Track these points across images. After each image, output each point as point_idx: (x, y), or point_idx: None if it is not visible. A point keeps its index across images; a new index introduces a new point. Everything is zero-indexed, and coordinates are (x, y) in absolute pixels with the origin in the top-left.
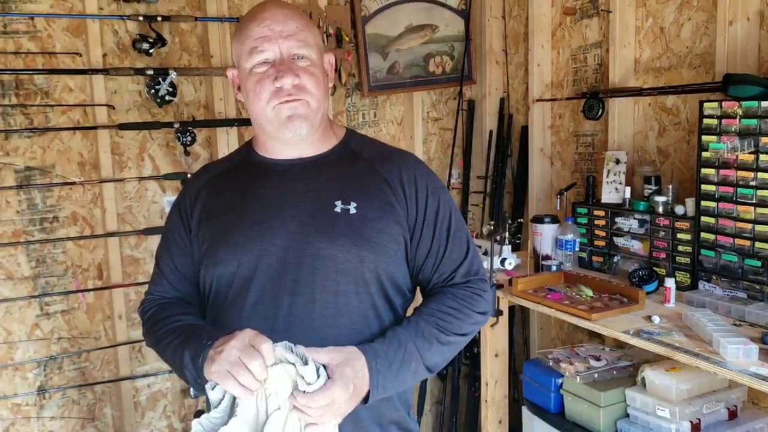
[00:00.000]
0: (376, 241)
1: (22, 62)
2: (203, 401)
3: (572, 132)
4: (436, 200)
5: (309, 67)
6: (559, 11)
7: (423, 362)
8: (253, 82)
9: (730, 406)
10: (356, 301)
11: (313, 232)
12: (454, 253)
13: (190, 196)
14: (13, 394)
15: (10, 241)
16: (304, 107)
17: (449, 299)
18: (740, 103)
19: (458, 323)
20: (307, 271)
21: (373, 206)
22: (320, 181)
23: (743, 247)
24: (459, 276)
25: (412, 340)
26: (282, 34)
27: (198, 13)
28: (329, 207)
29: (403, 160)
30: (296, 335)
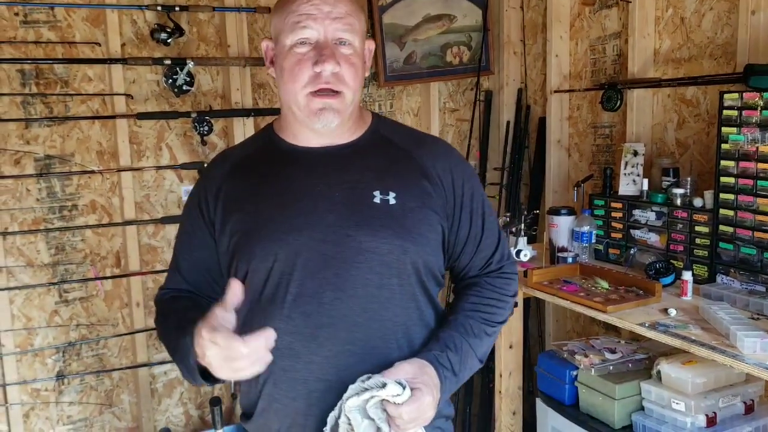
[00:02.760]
0: (419, 231)
1: (42, 51)
2: (218, 389)
3: (590, 123)
4: (471, 187)
5: (351, 56)
6: (577, 1)
7: (476, 357)
8: (291, 62)
9: (746, 400)
10: (399, 293)
11: (353, 224)
12: (489, 239)
13: (210, 186)
14: (32, 380)
15: (30, 229)
16: (339, 103)
17: (488, 290)
18: (761, 94)
19: (500, 312)
20: (349, 265)
21: (412, 196)
22: (355, 170)
23: (762, 240)
24: (495, 262)
25: (465, 340)
26: (330, 15)
27: (216, 3)
28: (368, 198)
29: (437, 147)
30: (340, 330)
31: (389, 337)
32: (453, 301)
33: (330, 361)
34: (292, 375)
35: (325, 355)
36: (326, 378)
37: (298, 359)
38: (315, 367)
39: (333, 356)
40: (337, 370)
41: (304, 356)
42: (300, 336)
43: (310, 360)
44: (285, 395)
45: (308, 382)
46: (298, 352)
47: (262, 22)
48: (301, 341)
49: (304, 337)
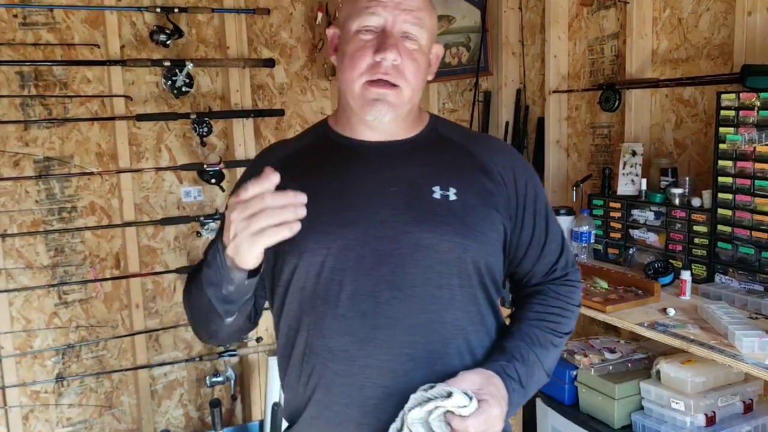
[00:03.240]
0: (481, 229)
1: (42, 53)
2: (218, 390)
3: (588, 124)
4: (534, 186)
5: (415, 51)
6: (575, 2)
7: (544, 369)
8: (352, 47)
9: (745, 399)
10: (460, 294)
11: (411, 220)
12: (553, 243)
13: None
14: (32, 382)
15: (29, 231)
16: (395, 96)
17: (553, 299)
18: (758, 94)
19: (566, 321)
20: (407, 263)
21: (473, 192)
22: (412, 165)
23: (760, 240)
24: (560, 268)
25: (533, 351)
26: (400, 6)
27: (215, 4)
28: (426, 193)
29: (496, 145)
30: (398, 333)
31: (450, 342)
32: (515, 311)
33: (387, 366)
34: (346, 380)
35: (382, 359)
36: (383, 384)
37: (353, 363)
38: (371, 372)
39: (390, 360)
40: (395, 376)
41: (359, 360)
42: (355, 337)
43: (366, 364)
44: (338, 402)
45: (364, 388)
46: (353, 355)
47: (261, 24)
48: (356, 343)
49: (360, 338)
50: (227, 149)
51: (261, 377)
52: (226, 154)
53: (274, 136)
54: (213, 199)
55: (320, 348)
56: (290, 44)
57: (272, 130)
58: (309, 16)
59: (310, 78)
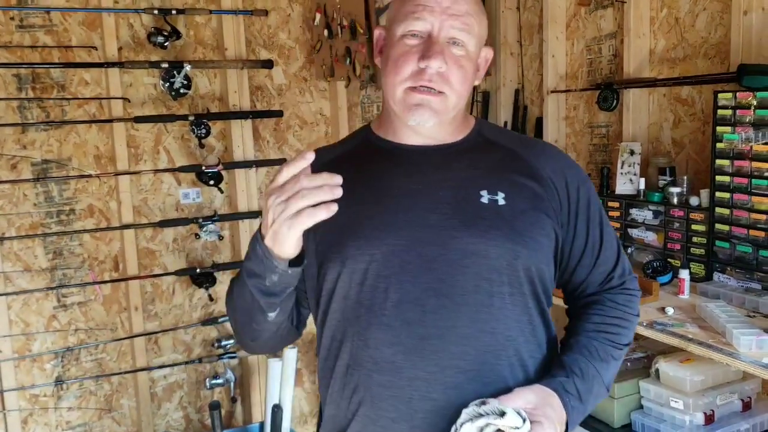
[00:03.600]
0: (530, 235)
1: (39, 56)
2: (218, 392)
3: (587, 123)
4: (587, 192)
5: (462, 58)
6: (573, 2)
7: (603, 383)
8: (397, 52)
9: (744, 397)
10: (511, 303)
11: (459, 225)
12: (608, 251)
13: None
14: (30, 385)
15: (28, 233)
16: (439, 103)
17: (611, 309)
18: (755, 93)
19: (625, 333)
20: (455, 270)
21: (523, 197)
22: (459, 169)
23: (758, 238)
24: (616, 276)
25: (592, 365)
26: (447, 11)
27: (212, 6)
28: (474, 197)
29: (546, 148)
30: (448, 343)
31: (500, 353)
32: (571, 322)
33: (436, 378)
34: (393, 392)
35: (430, 371)
36: (432, 397)
37: (400, 375)
38: (419, 384)
39: (439, 372)
40: (444, 388)
41: (406, 371)
42: (402, 348)
43: (414, 375)
44: (384, 416)
45: (412, 401)
46: (400, 366)
47: (259, 25)
48: (403, 354)
49: (407, 349)
50: (226, 150)
51: (261, 379)
52: (224, 155)
53: (273, 137)
54: (211, 200)
55: (365, 359)
56: (288, 45)
57: (271, 131)
58: (307, 17)
59: (308, 79)
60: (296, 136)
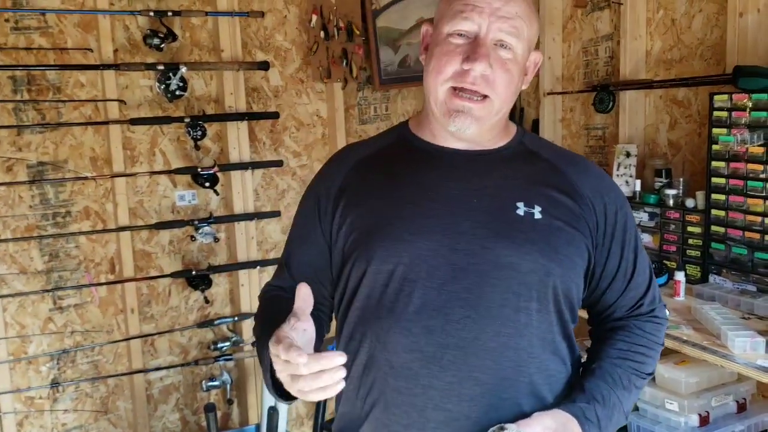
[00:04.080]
0: (565, 253)
1: (34, 58)
2: (215, 394)
3: (583, 125)
4: (624, 215)
5: (508, 61)
6: (570, 4)
7: (624, 412)
8: (441, 51)
9: (739, 399)
10: (537, 320)
11: (492, 235)
12: (640, 277)
13: (330, 182)
14: (26, 388)
15: (24, 236)
16: (482, 109)
17: (638, 336)
18: (750, 95)
19: (650, 362)
20: (484, 281)
21: (560, 213)
22: (498, 177)
23: (753, 240)
24: (646, 303)
25: (614, 392)
26: (497, 12)
27: (208, 7)
28: (510, 208)
29: (588, 167)
30: (468, 355)
31: (522, 370)
32: (594, 345)
33: (452, 388)
34: (407, 399)
35: (448, 381)
36: (446, 408)
37: (416, 382)
38: (434, 393)
39: (457, 383)
40: (459, 400)
41: (423, 379)
42: (420, 355)
43: (430, 384)
44: (397, 422)
45: (425, 410)
46: (417, 374)
47: (255, 27)
48: (421, 361)
49: (425, 356)
50: (222, 152)
51: (257, 381)
52: (220, 157)
53: (269, 139)
54: (207, 202)
55: (382, 362)
56: (285, 47)
57: (267, 132)
58: (303, 19)
59: (305, 80)
60: (292, 138)
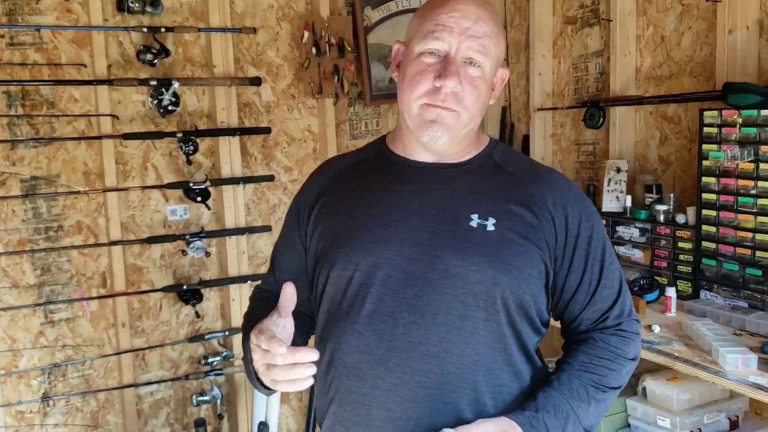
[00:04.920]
0: (515, 264)
1: (29, 73)
2: (205, 409)
3: (573, 141)
4: (590, 228)
5: (477, 78)
6: (560, 20)
7: (581, 424)
8: (414, 69)
9: (731, 416)
10: (484, 329)
11: (445, 246)
12: (606, 290)
13: (311, 192)
14: (17, 402)
15: (16, 250)
16: (453, 119)
17: (601, 349)
18: (740, 111)
19: (613, 375)
20: (433, 289)
21: (515, 225)
22: (458, 190)
23: (744, 256)
24: (612, 317)
25: (567, 403)
26: (466, 32)
27: (201, 24)
28: (465, 220)
29: (553, 180)
30: (413, 359)
31: (465, 376)
32: (560, 358)
33: (396, 390)
34: (356, 398)
35: (392, 382)
36: (389, 407)
37: (365, 381)
38: (380, 393)
39: (401, 385)
40: (402, 401)
41: (370, 379)
42: (370, 356)
43: (376, 384)
44: (348, 418)
45: (371, 408)
46: (366, 374)
47: (248, 43)
48: (370, 362)
49: (374, 358)
50: (213, 167)
51: (247, 396)
52: (212, 172)
53: (260, 154)
54: (199, 217)
55: (339, 362)
56: (277, 63)
57: (259, 147)
58: (295, 35)
59: (297, 96)
60: (284, 153)
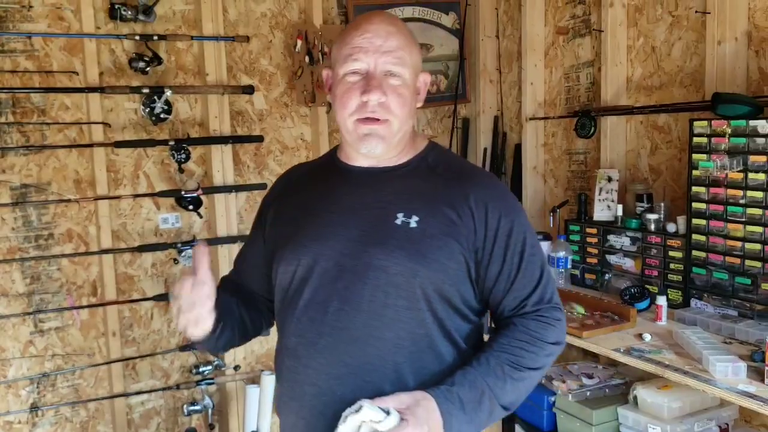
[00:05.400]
0: (434, 257)
1: (19, 81)
2: (196, 419)
3: (565, 150)
4: (509, 222)
5: (399, 86)
6: (552, 31)
7: (498, 401)
8: (342, 90)
9: (721, 424)
10: (405, 316)
11: (372, 242)
12: (524, 279)
13: (272, 196)
14: (5, 412)
15: (5, 258)
16: (385, 129)
17: (519, 332)
18: (729, 122)
19: (531, 357)
20: (358, 279)
21: (436, 222)
22: (389, 191)
23: (733, 265)
24: (531, 303)
25: (483, 379)
26: (380, 49)
27: (194, 32)
28: (391, 219)
29: (478, 179)
30: (339, 342)
31: (386, 358)
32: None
33: (325, 369)
34: (293, 376)
35: (321, 362)
36: (317, 384)
37: (299, 361)
38: (311, 372)
39: (328, 364)
40: (329, 378)
41: (303, 359)
42: (304, 340)
43: (308, 364)
44: (286, 394)
45: (303, 384)
46: (300, 355)
47: (240, 51)
48: (304, 345)
49: (307, 341)
50: (206, 175)
51: (239, 406)
52: (204, 180)
53: (253, 162)
54: (191, 225)
55: (283, 345)
56: (270, 71)
57: (251, 156)
58: (288, 44)
59: (289, 104)
60: (277, 161)
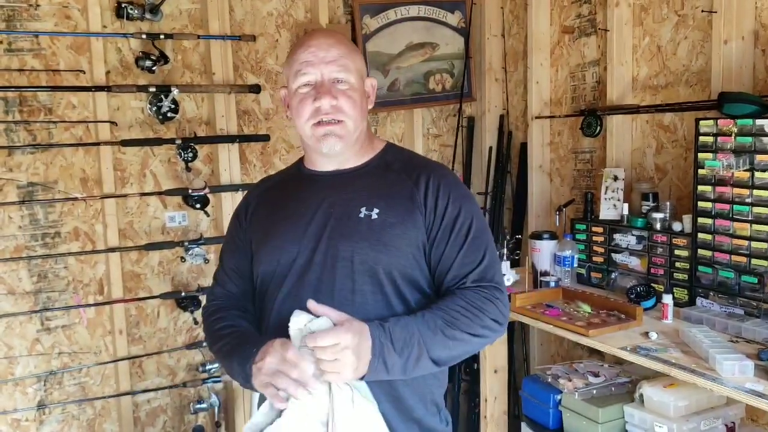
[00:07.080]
0: (393, 244)
1: (27, 79)
2: (202, 417)
3: (571, 149)
4: (457, 208)
5: (347, 90)
6: (557, 30)
7: (426, 350)
8: (296, 101)
9: (728, 422)
10: (372, 300)
11: (338, 236)
12: (467, 258)
13: (247, 204)
14: (12, 410)
15: (12, 256)
16: (341, 129)
17: (457, 298)
18: (735, 121)
19: (466, 321)
20: (329, 271)
21: (395, 213)
22: (351, 190)
23: (740, 264)
24: (470, 281)
25: (415, 325)
26: (324, 60)
27: (200, 31)
28: (355, 213)
29: (430, 170)
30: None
31: None
32: None
33: None
34: None
35: None
36: None
37: None
38: None
39: None
40: None
41: None
42: (283, 329)
43: None
44: None
45: None
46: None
47: (247, 50)
48: (284, 334)
49: (284, 327)
50: (212, 174)
51: (245, 404)
52: (211, 179)
53: (259, 161)
54: (197, 224)
55: (265, 329)
56: (276, 70)
57: (257, 155)
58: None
59: None
60: (283, 160)
